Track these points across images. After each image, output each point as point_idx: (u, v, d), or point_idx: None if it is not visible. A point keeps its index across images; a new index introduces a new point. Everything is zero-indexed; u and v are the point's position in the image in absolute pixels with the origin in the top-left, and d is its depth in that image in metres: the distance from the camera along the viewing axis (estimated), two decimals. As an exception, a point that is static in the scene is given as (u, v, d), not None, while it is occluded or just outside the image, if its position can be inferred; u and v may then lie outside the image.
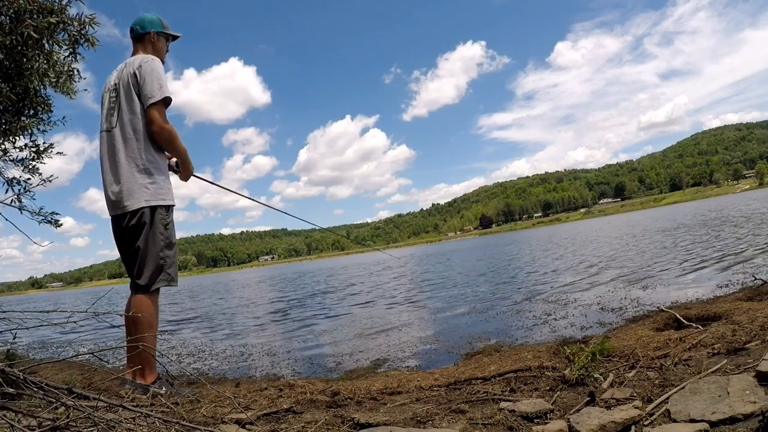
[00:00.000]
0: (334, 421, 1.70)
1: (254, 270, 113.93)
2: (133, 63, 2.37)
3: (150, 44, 2.53)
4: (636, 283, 5.23)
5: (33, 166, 3.63)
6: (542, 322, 3.89)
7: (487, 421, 1.57)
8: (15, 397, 1.28)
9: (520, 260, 12.33)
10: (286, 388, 2.37)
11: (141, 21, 2.53)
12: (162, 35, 2.58)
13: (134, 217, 2.32)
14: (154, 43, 2.54)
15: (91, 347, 5.09)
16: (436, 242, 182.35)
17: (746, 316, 2.47)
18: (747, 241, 7.47)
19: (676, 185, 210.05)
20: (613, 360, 2.16)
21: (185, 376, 3.04)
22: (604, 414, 1.44)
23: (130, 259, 2.38)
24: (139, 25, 2.52)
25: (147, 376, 2.27)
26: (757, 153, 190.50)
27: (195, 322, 7.16)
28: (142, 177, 2.32)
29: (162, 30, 2.57)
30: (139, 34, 2.52)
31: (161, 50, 2.59)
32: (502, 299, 5.52)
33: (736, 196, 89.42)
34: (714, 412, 1.32)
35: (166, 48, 2.64)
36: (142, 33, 2.52)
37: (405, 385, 2.28)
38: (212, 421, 1.69)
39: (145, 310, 2.28)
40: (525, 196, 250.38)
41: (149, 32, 2.52)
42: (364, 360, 3.37)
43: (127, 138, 2.33)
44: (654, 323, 3.03)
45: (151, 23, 2.53)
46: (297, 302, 8.55)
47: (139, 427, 1.33)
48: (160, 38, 2.57)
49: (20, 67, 3.07)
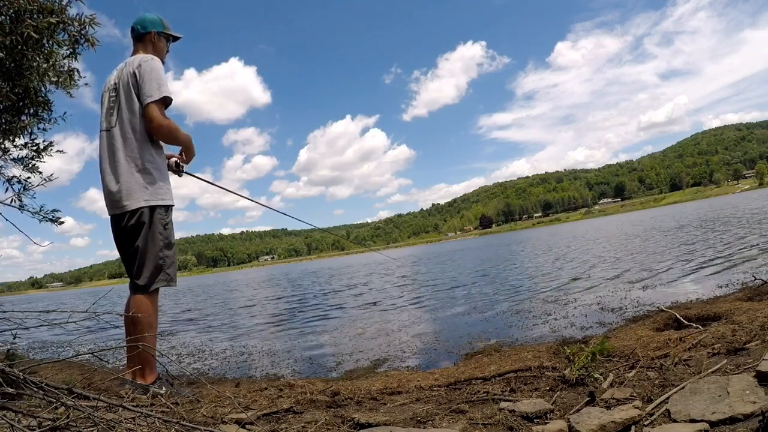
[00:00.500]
0: (334, 421, 1.70)
1: (254, 270, 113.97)
2: (133, 63, 2.37)
3: (150, 44, 2.53)
4: (636, 283, 5.23)
5: (33, 165, 3.63)
6: (542, 322, 3.89)
7: (487, 421, 1.57)
8: (15, 397, 1.28)
9: (520, 260, 12.33)
10: (286, 388, 2.37)
11: (142, 21, 2.53)
12: (163, 35, 2.58)
13: (133, 217, 2.31)
14: (155, 43, 2.54)
15: (91, 347, 5.09)
16: (436, 242, 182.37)
17: (746, 316, 2.47)
18: (747, 241, 7.47)
19: (676, 185, 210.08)
20: (613, 360, 2.16)
21: (185, 376, 3.04)
22: (604, 414, 1.44)
23: (129, 259, 2.38)
24: (140, 24, 2.52)
25: (147, 376, 2.27)
26: (757, 153, 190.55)
27: (195, 321, 7.16)
28: (141, 177, 2.32)
29: (163, 30, 2.57)
30: (139, 34, 2.52)
31: (162, 50, 2.58)
32: (502, 299, 5.52)
33: (736, 196, 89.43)
34: (714, 412, 1.32)
35: (166, 48, 2.63)
36: (142, 33, 2.52)
37: (405, 385, 2.28)
38: (212, 421, 1.69)
39: (144, 310, 2.28)
40: (525, 196, 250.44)
41: (150, 32, 2.52)
42: (364, 360, 3.37)
43: (127, 138, 2.33)
44: (654, 323, 3.03)
45: (152, 23, 2.53)
46: (297, 302, 8.55)
47: (139, 427, 1.33)
48: (160, 38, 2.57)
49: (20, 66, 3.07)
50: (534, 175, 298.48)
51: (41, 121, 3.54)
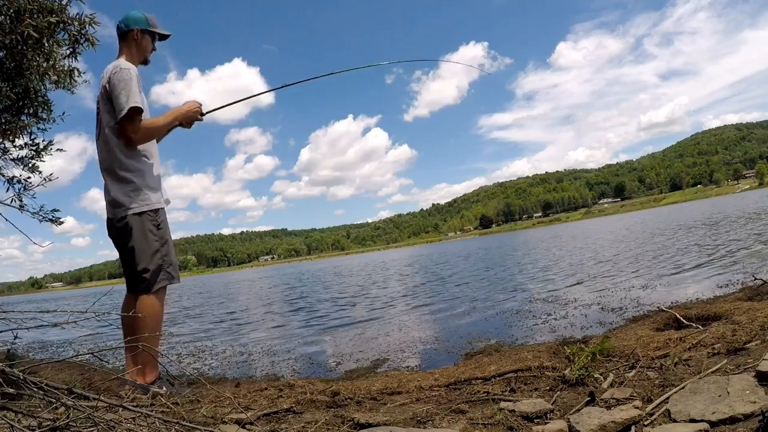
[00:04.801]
0: (334, 421, 1.70)
1: (254, 270, 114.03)
2: (106, 75, 2.34)
3: (133, 42, 2.47)
4: (636, 283, 5.23)
5: (33, 164, 3.63)
6: (542, 322, 3.89)
7: (487, 421, 1.57)
8: (15, 397, 1.28)
9: (520, 260, 12.32)
10: (286, 388, 2.37)
11: (125, 18, 2.47)
12: (147, 33, 2.50)
13: (123, 222, 2.34)
14: (138, 41, 2.48)
15: (91, 347, 5.09)
16: (436, 242, 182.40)
17: (746, 316, 2.47)
18: (747, 241, 7.47)
19: (676, 185, 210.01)
20: (613, 360, 2.16)
21: (185, 376, 3.04)
22: (604, 414, 1.44)
23: (126, 261, 2.39)
24: (123, 22, 2.47)
25: (147, 376, 2.27)
26: (757, 153, 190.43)
27: (195, 321, 7.16)
28: (123, 186, 2.34)
29: (147, 27, 2.50)
30: (122, 32, 2.46)
31: (145, 48, 2.53)
32: (502, 299, 5.52)
33: (736, 196, 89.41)
34: (714, 412, 1.32)
35: (151, 46, 2.56)
36: (125, 30, 2.46)
37: (405, 385, 2.28)
38: (212, 421, 1.69)
39: (148, 310, 2.28)
40: (525, 196, 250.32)
41: (132, 30, 2.45)
42: (364, 360, 3.37)
43: (109, 148, 2.35)
44: (654, 323, 3.03)
45: (135, 21, 2.46)
46: (297, 302, 8.55)
47: (139, 427, 1.33)
48: (144, 36, 2.49)
49: (20, 66, 3.07)
50: (534, 175, 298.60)
51: (41, 120, 3.54)
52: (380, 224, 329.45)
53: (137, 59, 2.50)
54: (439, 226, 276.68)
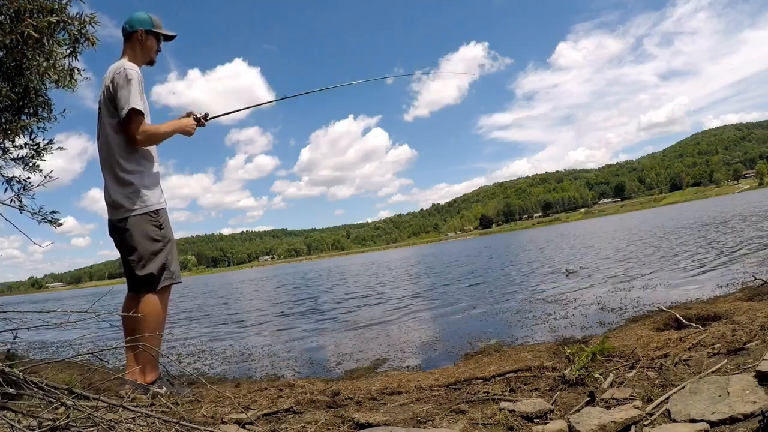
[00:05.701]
0: (334, 421, 1.70)
1: (254, 270, 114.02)
2: (109, 75, 2.35)
3: (138, 43, 2.48)
4: (636, 283, 5.23)
5: (33, 164, 3.62)
6: (542, 322, 3.89)
7: (487, 421, 1.57)
8: (15, 397, 1.28)
9: (520, 260, 12.32)
10: (286, 388, 2.37)
11: (130, 19, 2.49)
12: (151, 34, 2.52)
13: (123, 224, 2.34)
14: (142, 42, 2.49)
15: (91, 347, 5.09)
16: (436, 242, 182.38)
17: (746, 316, 2.47)
18: (747, 241, 7.47)
19: (676, 185, 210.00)
20: (613, 360, 2.16)
21: (185, 376, 3.04)
22: (604, 414, 1.44)
23: (128, 262, 2.39)
24: (128, 23, 2.48)
25: (147, 376, 2.27)
26: (757, 153, 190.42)
27: (195, 321, 7.16)
28: (123, 188, 2.34)
29: (152, 28, 2.51)
30: (127, 33, 2.48)
31: (150, 49, 2.54)
32: (502, 299, 5.52)
33: (736, 196, 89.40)
34: (714, 412, 1.32)
35: (156, 47, 2.57)
36: (130, 32, 2.47)
37: (405, 385, 2.28)
38: (212, 421, 1.69)
39: (149, 309, 2.29)
40: (525, 196, 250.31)
41: (136, 30, 2.47)
42: (364, 360, 3.37)
43: (109, 148, 2.36)
44: (654, 323, 3.03)
45: (139, 22, 2.48)
46: (297, 302, 8.55)
47: (139, 427, 1.33)
48: (149, 37, 2.51)
49: (20, 66, 3.06)
50: (534, 175, 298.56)
51: (41, 120, 3.54)
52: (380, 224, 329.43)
53: (141, 60, 2.51)
54: (439, 226, 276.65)
